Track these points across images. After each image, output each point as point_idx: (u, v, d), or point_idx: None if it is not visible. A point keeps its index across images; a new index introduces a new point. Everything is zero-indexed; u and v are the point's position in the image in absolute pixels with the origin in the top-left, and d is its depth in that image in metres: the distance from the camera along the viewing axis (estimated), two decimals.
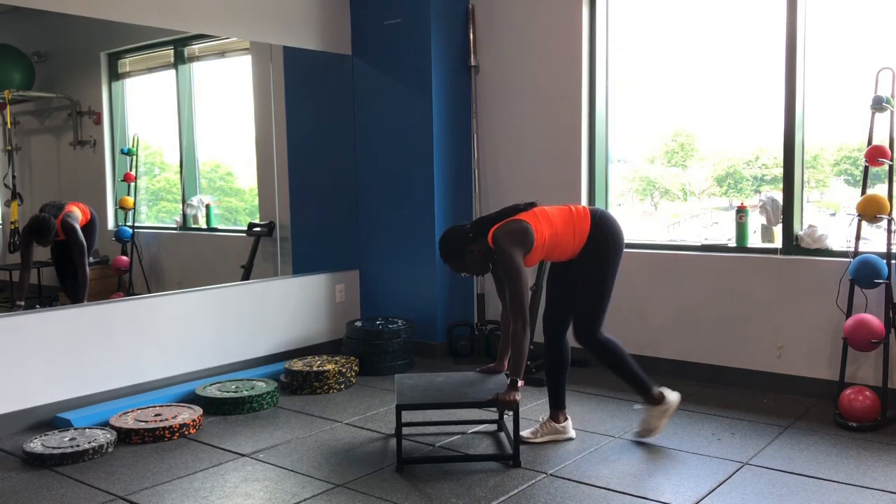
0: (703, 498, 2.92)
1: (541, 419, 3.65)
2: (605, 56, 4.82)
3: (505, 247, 3.25)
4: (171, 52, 5.02)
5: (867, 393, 3.67)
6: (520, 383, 3.23)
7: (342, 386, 4.51)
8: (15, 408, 3.78)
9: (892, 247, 3.76)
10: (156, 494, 3.05)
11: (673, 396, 3.53)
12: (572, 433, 3.58)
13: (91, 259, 4.57)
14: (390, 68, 5.21)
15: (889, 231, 3.76)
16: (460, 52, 5.19)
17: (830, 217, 4.35)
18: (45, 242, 4.26)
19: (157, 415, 3.84)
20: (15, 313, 3.93)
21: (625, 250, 4.68)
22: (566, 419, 3.59)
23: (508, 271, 3.25)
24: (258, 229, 5.18)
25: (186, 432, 3.74)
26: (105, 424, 3.79)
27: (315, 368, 4.49)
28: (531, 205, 3.44)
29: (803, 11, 4.09)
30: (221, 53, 5.14)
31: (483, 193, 5.27)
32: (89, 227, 4.42)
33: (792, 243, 4.20)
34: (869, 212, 3.74)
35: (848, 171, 4.33)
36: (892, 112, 3.83)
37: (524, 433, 3.50)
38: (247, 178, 5.45)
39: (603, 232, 3.38)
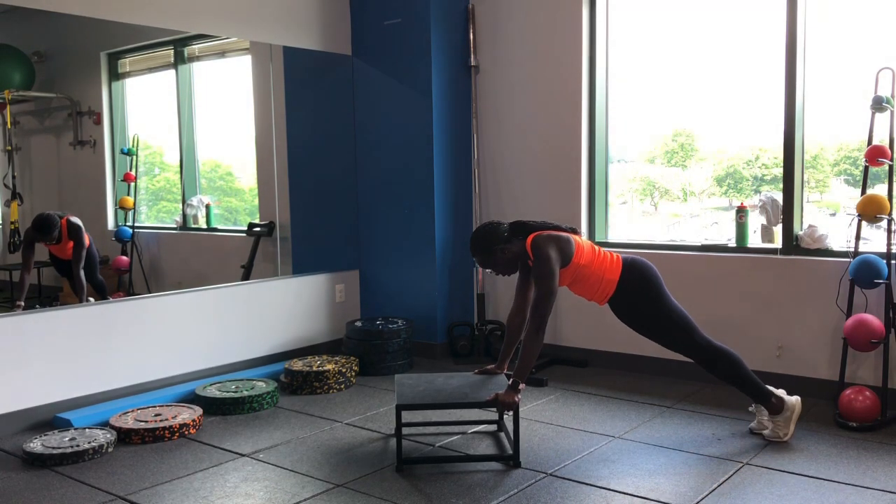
0: (703, 498, 2.92)
1: (764, 418, 3.56)
2: (605, 56, 4.82)
3: (547, 250, 3.27)
4: (171, 52, 5.02)
5: (867, 393, 3.67)
6: (521, 386, 3.23)
7: (342, 386, 4.51)
8: (15, 408, 3.78)
9: (892, 247, 3.76)
10: (156, 494, 3.05)
11: (792, 399, 3.48)
12: (793, 400, 3.50)
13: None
14: (390, 68, 5.21)
15: (889, 231, 3.76)
16: (460, 52, 5.19)
17: (830, 217, 4.35)
18: (48, 238, 4.24)
19: (157, 415, 3.84)
20: (15, 313, 3.93)
21: (625, 251, 4.71)
22: (779, 398, 3.49)
23: (543, 272, 3.25)
24: (258, 229, 5.18)
25: (186, 432, 3.74)
26: (105, 424, 3.79)
27: (315, 368, 4.49)
28: (573, 230, 3.50)
29: (803, 11, 4.09)
30: (221, 53, 5.14)
31: (483, 193, 5.27)
32: (89, 251, 4.43)
33: (792, 243, 4.20)
34: (869, 212, 3.74)
35: (848, 171, 4.33)
36: (892, 112, 3.83)
37: (769, 436, 3.47)
38: (247, 178, 5.45)
39: (631, 281, 3.41)
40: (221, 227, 5.22)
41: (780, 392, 3.53)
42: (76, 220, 4.32)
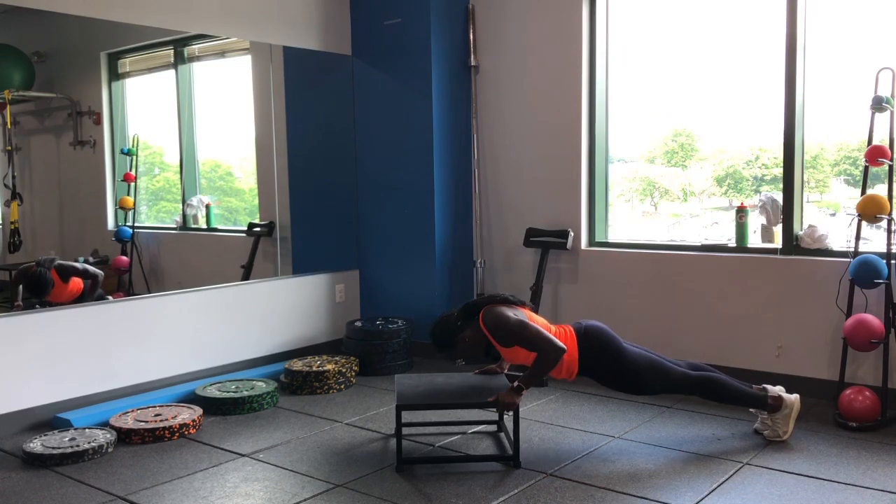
0: (703, 498, 2.92)
1: (761, 419, 3.58)
2: (605, 56, 4.82)
3: (501, 316, 3.26)
4: (171, 52, 5.01)
5: (867, 393, 3.67)
6: (524, 391, 3.23)
7: (342, 386, 4.51)
8: (15, 408, 3.78)
9: (892, 247, 3.76)
10: (156, 494, 3.05)
11: (791, 397, 3.48)
12: (792, 398, 3.49)
13: (91, 259, 4.57)
14: (390, 68, 5.21)
15: (889, 231, 3.76)
16: (460, 52, 5.19)
17: (830, 217, 4.35)
18: (43, 296, 4.12)
19: (157, 415, 3.84)
20: (15, 313, 3.93)
21: (625, 251, 4.72)
22: (777, 396, 3.48)
23: (521, 336, 3.23)
24: (258, 229, 5.18)
25: (186, 432, 3.74)
26: (105, 424, 3.79)
27: (315, 368, 4.49)
28: (522, 302, 3.46)
29: (803, 11, 4.09)
30: (221, 53, 5.14)
31: (483, 193, 5.27)
32: (94, 285, 4.37)
33: (792, 243, 4.20)
34: (869, 212, 3.74)
35: (848, 171, 4.33)
36: (892, 112, 3.83)
37: (770, 436, 3.46)
38: (247, 178, 5.45)
39: (590, 352, 3.37)
40: (221, 227, 5.22)
41: (778, 389, 3.54)
42: (67, 264, 4.23)
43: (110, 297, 4.42)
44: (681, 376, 3.43)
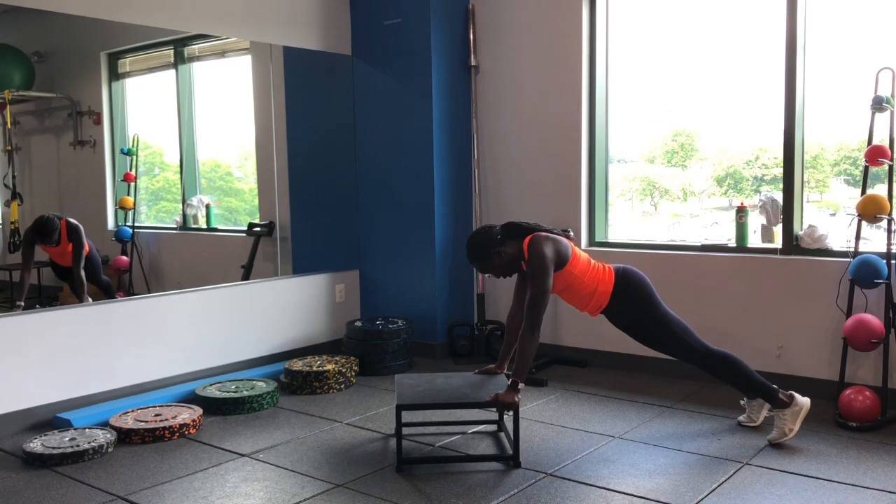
0: (703, 498, 2.92)
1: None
2: (605, 56, 4.82)
3: (542, 248, 3.27)
4: (171, 52, 5.02)
5: (867, 393, 3.67)
6: (521, 385, 3.23)
7: (342, 386, 4.51)
8: (15, 408, 3.78)
9: (892, 247, 3.76)
10: (156, 494, 3.05)
11: (803, 399, 3.45)
12: (804, 399, 3.46)
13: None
14: (390, 68, 5.21)
15: (889, 231, 3.76)
16: (460, 52, 5.19)
17: (830, 217, 4.35)
18: (48, 241, 4.25)
19: (157, 415, 3.84)
20: (15, 313, 3.93)
21: (625, 251, 4.72)
22: (790, 394, 3.46)
23: (537, 271, 3.24)
24: (258, 229, 5.18)
25: (186, 432, 3.74)
26: (105, 424, 3.79)
27: (315, 368, 4.49)
28: (567, 234, 3.48)
29: (803, 11, 4.09)
30: (221, 53, 5.14)
31: (483, 193, 5.27)
32: (90, 254, 4.43)
33: (792, 243, 4.20)
34: (869, 212, 3.74)
35: (848, 171, 4.33)
36: (892, 112, 3.83)
37: (775, 436, 3.43)
38: (247, 178, 5.45)
39: (625, 292, 3.41)
40: (221, 227, 5.22)
41: (792, 392, 3.53)
42: (75, 222, 4.32)
43: (118, 296, 4.44)
44: (704, 346, 3.45)
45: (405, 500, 2.95)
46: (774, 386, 3.50)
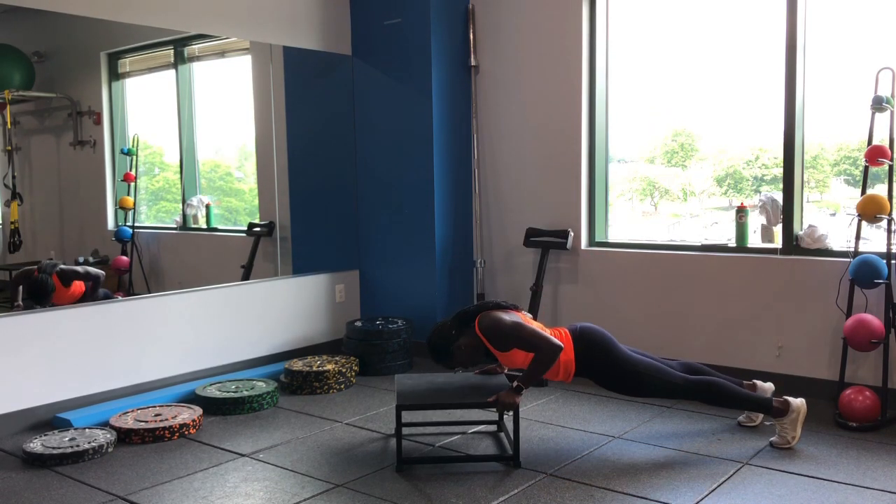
0: (703, 498, 2.92)
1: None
2: (605, 56, 4.81)
3: (497, 320, 3.28)
4: (171, 52, 5.01)
5: (867, 393, 3.67)
6: (524, 391, 3.23)
7: (342, 386, 4.51)
8: (15, 408, 3.78)
9: (892, 247, 3.76)
10: (156, 494, 3.05)
11: (798, 401, 3.41)
12: (798, 402, 3.41)
13: (91, 259, 4.57)
14: (390, 68, 5.21)
15: (889, 231, 3.76)
16: (460, 52, 5.19)
17: (830, 217, 4.35)
18: (45, 303, 4.12)
19: (157, 415, 3.84)
20: (15, 313, 3.93)
21: (625, 251, 4.72)
22: (784, 401, 3.42)
23: (522, 337, 3.24)
24: (258, 229, 5.18)
25: (186, 432, 3.74)
26: (105, 424, 3.79)
27: (315, 368, 4.49)
28: (515, 306, 3.47)
29: (803, 11, 4.09)
30: (221, 53, 5.14)
31: (483, 193, 5.27)
32: (94, 287, 4.37)
33: (792, 243, 4.20)
34: (869, 212, 3.74)
35: (848, 171, 4.33)
36: (892, 112, 3.83)
37: (778, 442, 3.40)
38: (247, 178, 5.45)
39: (586, 353, 3.38)
40: (221, 227, 5.22)
41: (769, 385, 3.56)
42: (69, 267, 4.24)
43: (118, 297, 4.42)
44: (680, 380, 3.41)
45: (405, 500, 2.95)
46: (751, 386, 3.50)
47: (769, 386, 3.59)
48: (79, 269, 4.32)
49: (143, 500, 3.00)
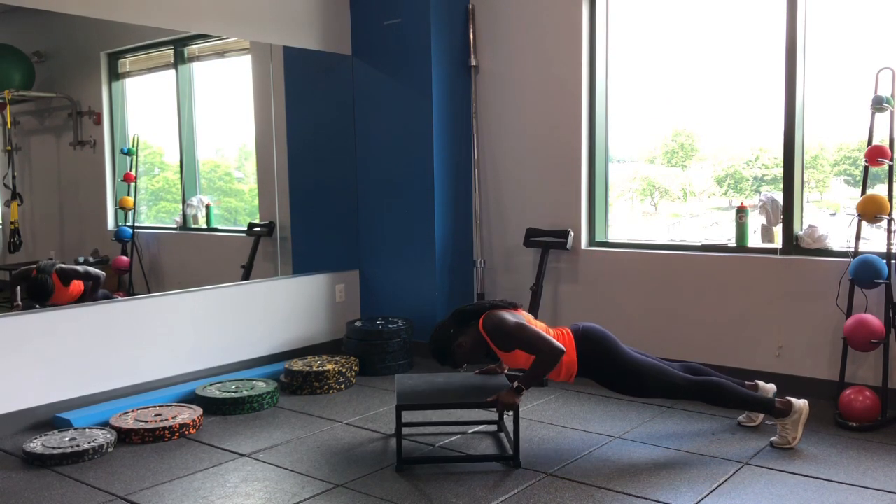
0: (703, 498, 2.92)
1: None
2: (605, 56, 4.81)
3: (502, 320, 3.28)
4: (171, 52, 5.02)
5: (867, 393, 3.67)
6: (524, 391, 3.23)
7: (342, 386, 4.51)
8: (15, 408, 3.78)
9: (892, 247, 3.76)
10: (156, 494, 3.05)
11: (800, 402, 3.40)
12: (800, 402, 3.41)
13: (91, 259, 4.57)
14: (390, 68, 5.21)
15: (889, 231, 3.76)
16: (460, 52, 5.19)
17: (830, 217, 4.35)
18: (45, 303, 4.12)
19: (157, 415, 3.84)
20: (15, 313, 3.93)
21: (625, 251, 4.72)
22: (786, 401, 3.41)
23: (525, 339, 3.23)
24: (258, 229, 5.18)
25: (186, 432, 3.74)
26: (105, 424, 3.79)
27: (315, 368, 4.49)
28: (514, 305, 3.47)
29: (803, 11, 4.09)
30: (221, 53, 5.14)
31: (483, 193, 5.27)
32: (94, 286, 4.36)
33: (792, 243, 4.20)
34: (869, 212, 3.74)
35: (848, 171, 4.33)
36: (892, 112, 3.83)
37: (779, 443, 3.39)
38: (247, 178, 5.45)
39: (589, 353, 3.38)
40: (221, 227, 5.22)
41: (770, 387, 3.56)
42: (69, 266, 4.24)
43: (118, 297, 4.42)
44: (682, 380, 3.41)
45: (405, 500, 2.95)
46: (769, 397, 3.50)
47: (771, 387, 3.59)
48: (78, 268, 4.32)
49: (143, 500, 3.00)
